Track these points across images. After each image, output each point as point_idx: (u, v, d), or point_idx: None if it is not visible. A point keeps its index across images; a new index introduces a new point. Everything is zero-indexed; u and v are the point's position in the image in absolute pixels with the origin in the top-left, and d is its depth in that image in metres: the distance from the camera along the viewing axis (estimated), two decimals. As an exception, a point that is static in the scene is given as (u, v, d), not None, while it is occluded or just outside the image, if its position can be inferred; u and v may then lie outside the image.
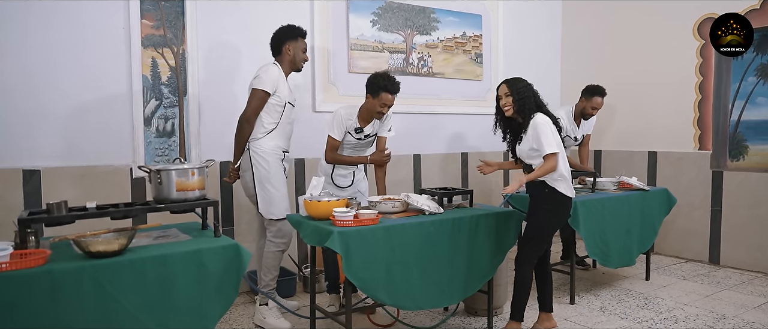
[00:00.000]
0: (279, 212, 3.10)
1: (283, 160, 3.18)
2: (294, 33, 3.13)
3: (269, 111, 3.08)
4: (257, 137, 3.08)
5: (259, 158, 3.07)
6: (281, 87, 3.07)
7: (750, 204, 4.27)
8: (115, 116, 3.39)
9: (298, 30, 3.14)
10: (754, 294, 3.72)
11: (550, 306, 3.05)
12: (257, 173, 3.08)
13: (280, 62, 3.12)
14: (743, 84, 4.32)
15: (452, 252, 2.78)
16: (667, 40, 4.77)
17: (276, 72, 3.05)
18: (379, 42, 4.44)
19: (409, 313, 3.32)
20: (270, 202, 3.09)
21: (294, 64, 3.16)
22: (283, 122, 3.12)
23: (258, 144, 3.07)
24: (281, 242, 3.15)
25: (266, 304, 3.14)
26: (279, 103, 3.08)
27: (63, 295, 1.78)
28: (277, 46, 3.14)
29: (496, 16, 5.16)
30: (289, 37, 3.12)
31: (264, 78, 3.01)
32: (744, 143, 4.34)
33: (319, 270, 3.70)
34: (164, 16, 3.50)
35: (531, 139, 2.75)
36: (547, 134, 2.71)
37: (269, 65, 3.07)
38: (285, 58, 3.13)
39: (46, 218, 2.04)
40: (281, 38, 3.13)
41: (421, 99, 4.69)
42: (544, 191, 2.81)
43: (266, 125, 3.08)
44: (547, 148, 2.70)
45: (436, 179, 4.80)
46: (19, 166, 3.13)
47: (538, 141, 2.72)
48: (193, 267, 2.03)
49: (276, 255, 3.15)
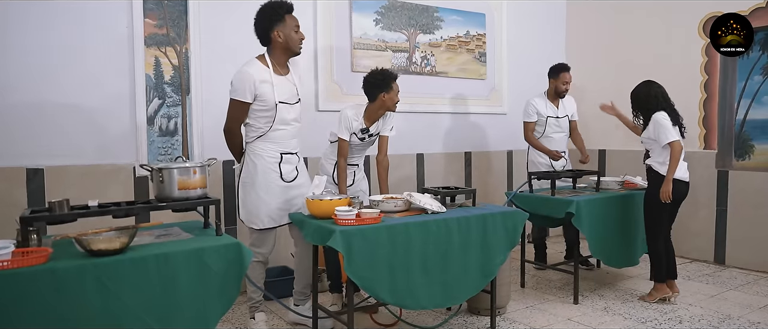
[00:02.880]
0: (260, 222, 2.84)
1: (281, 163, 2.86)
2: (278, 12, 2.71)
3: (255, 117, 2.77)
4: (250, 139, 2.85)
5: (248, 159, 2.85)
6: (263, 89, 2.71)
7: (756, 204, 4.24)
8: (118, 114, 3.39)
9: (280, 6, 2.72)
10: (759, 295, 3.69)
11: (675, 272, 3.56)
12: (243, 175, 2.86)
13: (271, 53, 2.78)
14: (749, 83, 4.28)
15: (455, 251, 2.76)
16: (672, 39, 4.75)
17: (251, 73, 2.68)
18: (382, 41, 4.43)
19: (412, 313, 3.31)
20: (250, 208, 2.83)
21: (289, 48, 2.78)
22: (277, 123, 2.79)
23: (251, 146, 2.84)
24: (259, 252, 2.86)
25: (253, 318, 2.95)
26: (265, 107, 2.74)
27: (64, 293, 1.78)
28: (265, 35, 2.75)
29: (499, 15, 5.15)
30: (275, 19, 2.71)
31: (236, 85, 2.71)
32: (750, 142, 4.31)
33: (322, 269, 3.70)
34: (167, 15, 3.50)
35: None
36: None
37: (242, 69, 2.71)
38: (276, 46, 2.76)
39: (48, 216, 2.03)
40: (266, 25, 2.73)
41: (424, 98, 4.68)
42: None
43: (257, 130, 2.81)
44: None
45: (438, 179, 4.78)
46: (23, 164, 3.14)
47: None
48: (195, 266, 2.02)
49: (254, 266, 2.82)
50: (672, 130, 3.36)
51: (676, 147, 3.33)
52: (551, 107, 4.25)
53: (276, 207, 2.87)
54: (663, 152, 3.41)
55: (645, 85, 3.54)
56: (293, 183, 2.93)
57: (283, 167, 2.88)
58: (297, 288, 3.15)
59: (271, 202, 2.85)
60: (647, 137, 3.48)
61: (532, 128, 4.24)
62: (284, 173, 2.89)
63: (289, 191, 2.91)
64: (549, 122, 4.23)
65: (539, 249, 4.36)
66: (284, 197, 2.89)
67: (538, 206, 3.59)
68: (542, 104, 4.23)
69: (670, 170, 3.34)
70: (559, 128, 4.28)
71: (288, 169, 2.90)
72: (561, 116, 4.28)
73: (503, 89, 5.22)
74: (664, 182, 3.35)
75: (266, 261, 2.96)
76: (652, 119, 3.43)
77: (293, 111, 2.88)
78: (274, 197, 2.86)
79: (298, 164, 2.98)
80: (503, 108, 5.22)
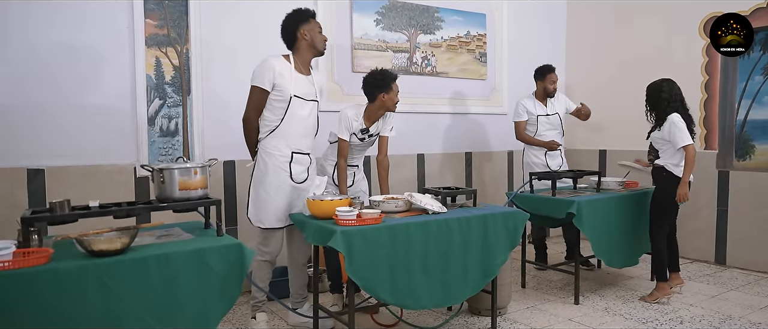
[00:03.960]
0: (267, 221, 2.88)
1: (292, 162, 2.91)
2: (305, 15, 2.92)
3: (271, 108, 2.87)
4: (263, 135, 2.91)
5: (260, 158, 2.91)
6: (283, 80, 2.83)
7: (756, 204, 4.23)
8: (119, 115, 3.40)
9: (307, 11, 2.94)
10: (760, 295, 3.69)
11: (677, 266, 3.69)
12: (255, 173, 2.92)
13: (297, 52, 2.93)
14: (750, 83, 4.28)
15: (455, 251, 2.76)
16: (672, 39, 4.74)
17: (273, 64, 2.83)
18: (382, 41, 4.43)
19: (413, 313, 3.31)
20: (259, 207, 2.89)
21: (314, 47, 2.94)
22: (288, 118, 2.87)
23: (262, 144, 2.92)
24: (266, 251, 2.93)
25: (254, 318, 2.96)
26: (281, 97, 2.85)
27: (65, 294, 1.78)
28: (291, 34, 2.91)
29: (500, 16, 5.15)
30: (302, 20, 2.90)
31: (258, 73, 2.84)
32: (750, 142, 4.31)
33: (323, 270, 3.70)
34: (168, 15, 3.51)
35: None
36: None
37: (266, 58, 2.87)
38: (302, 44, 2.92)
39: (49, 216, 2.04)
40: (293, 25, 2.90)
41: (424, 98, 4.68)
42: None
43: (269, 123, 2.88)
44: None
45: (439, 179, 4.78)
46: (24, 165, 3.14)
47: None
48: (196, 266, 2.02)
49: (261, 265, 2.93)
50: (687, 133, 3.37)
51: (691, 151, 3.36)
52: (540, 105, 4.31)
53: (284, 207, 2.91)
54: (676, 154, 3.42)
55: (667, 83, 3.52)
56: (302, 185, 2.96)
57: (293, 167, 2.92)
58: (293, 289, 3.14)
59: (280, 202, 2.89)
60: (660, 137, 3.47)
61: (524, 127, 4.31)
62: (294, 174, 2.92)
63: (297, 193, 2.95)
64: (540, 120, 4.28)
65: (540, 250, 4.36)
66: (292, 198, 2.94)
67: (539, 207, 3.59)
68: (531, 103, 4.30)
69: (686, 173, 3.36)
70: (550, 126, 4.32)
71: (299, 170, 2.94)
72: (551, 113, 4.32)
73: (504, 90, 5.22)
74: (680, 185, 3.38)
75: (274, 261, 2.99)
76: (668, 120, 3.42)
77: (307, 108, 2.95)
78: (282, 197, 2.90)
79: (310, 167, 3.01)
80: (503, 108, 5.22)
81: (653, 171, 3.60)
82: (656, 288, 3.54)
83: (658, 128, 3.48)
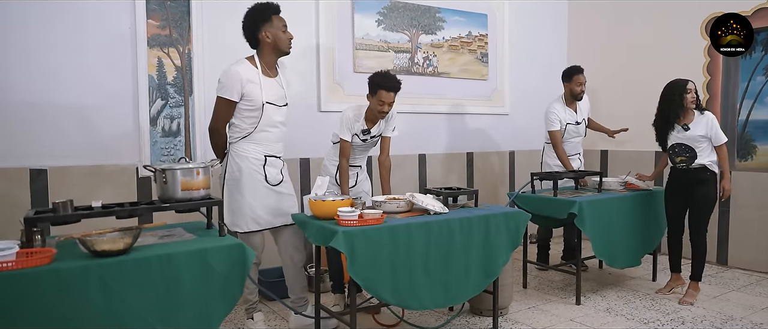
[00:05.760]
0: (244, 225, 2.78)
1: (266, 165, 2.81)
2: (265, 14, 2.72)
3: (241, 117, 2.74)
4: (234, 140, 2.79)
5: (232, 161, 2.79)
6: (251, 88, 2.69)
7: (758, 205, 4.23)
8: (121, 115, 3.40)
9: (268, 8, 2.73)
10: (762, 296, 3.69)
11: (678, 267, 3.77)
12: (227, 178, 2.80)
13: (260, 54, 2.77)
14: (752, 83, 4.28)
15: (457, 252, 2.76)
16: (674, 39, 4.74)
17: (240, 72, 2.67)
18: (384, 41, 4.43)
19: (414, 313, 3.31)
20: (234, 212, 2.78)
21: (278, 48, 2.77)
22: (263, 124, 2.76)
23: (235, 147, 2.79)
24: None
25: (251, 318, 2.94)
26: (252, 106, 2.71)
27: (68, 294, 1.79)
28: (253, 36, 2.75)
29: (501, 16, 5.15)
30: (262, 19, 2.71)
31: (224, 83, 2.67)
32: (752, 142, 4.30)
33: (324, 270, 3.70)
34: (170, 15, 3.51)
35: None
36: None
37: (230, 67, 2.69)
38: (265, 46, 2.75)
39: (52, 217, 2.04)
40: (253, 26, 2.73)
41: (426, 99, 4.68)
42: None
43: (241, 131, 2.76)
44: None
45: (441, 179, 4.79)
46: (26, 165, 3.15)
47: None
48: (198, 266, 2.03)
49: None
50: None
51: (726, 147, 3.49)
52: (570, 112, 4.22)
53: (261, 211, 2.81)
54: (712, 152, 3.48)
55: (684, 82, 3.52)
56: (278, 187, 2.87)
57: (268, 170, 2.83)
58: (294, 294, 3.04)
59: (256, 205, 2.80)
60: (698, 135, 3.44)
61: (560, 138, 4.15)
62: (269, 176, 2.83)
63: (273, 196, 2.86)
64: (568, 128, 4.21)
65: (542, 250, 4.36)
66: (269, 201, 2.84)
67: (541, 207, 3.59)
68: (562, 110, 4.18)
69: (727, 168, 3.48)
70: (576, 133, 4.29)
71: (273, 172, 2.85)
72: (579, 120, 4.27)
73: (505, 90, 5.22)
74: (724, 180, 3.48)
75: (258, 262, 2.93)
76: (705, 116, 3.46)
77: (280, 114, 2.84)
78: (259, 200, 2.80)
79: (283, 169, 2.93)
80: (505, 109, 5.22)
81: (689, 172, 3.51)
82: (690, 287, 3.59)
83: (683, 128, 3.48)
